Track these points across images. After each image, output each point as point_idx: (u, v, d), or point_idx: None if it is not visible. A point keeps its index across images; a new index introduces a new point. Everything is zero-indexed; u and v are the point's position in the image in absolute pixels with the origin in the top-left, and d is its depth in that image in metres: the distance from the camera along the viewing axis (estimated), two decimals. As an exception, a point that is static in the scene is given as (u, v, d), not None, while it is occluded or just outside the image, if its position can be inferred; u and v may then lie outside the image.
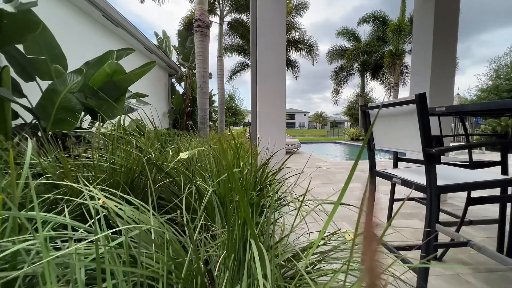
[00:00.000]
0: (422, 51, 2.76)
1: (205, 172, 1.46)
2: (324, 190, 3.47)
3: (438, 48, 2.59)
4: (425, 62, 2.68)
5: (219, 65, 9.59)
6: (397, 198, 2.17)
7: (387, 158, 8.30)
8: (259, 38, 2.50)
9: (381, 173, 1.37)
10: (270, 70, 2.54)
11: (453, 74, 2.67)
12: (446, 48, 2.60)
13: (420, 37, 2.76)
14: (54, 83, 2.42)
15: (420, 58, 2.79)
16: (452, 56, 2.63)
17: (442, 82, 2.61)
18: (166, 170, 1.29)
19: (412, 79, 2.94)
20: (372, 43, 14.04)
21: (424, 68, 2.70)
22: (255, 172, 1.45)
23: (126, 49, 3.54)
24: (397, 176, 1.17)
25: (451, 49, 2.62)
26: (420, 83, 2.82)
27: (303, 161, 6.71)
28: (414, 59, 2.90)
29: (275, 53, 2.53)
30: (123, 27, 5.19)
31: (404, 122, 1.03)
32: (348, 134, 19.13)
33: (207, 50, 4.67)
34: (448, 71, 2.64)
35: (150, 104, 3.52)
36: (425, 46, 2.70)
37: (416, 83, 2.88)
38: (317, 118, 67.53)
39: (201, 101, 4.80)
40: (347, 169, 5.23)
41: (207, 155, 1.66)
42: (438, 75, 2.61)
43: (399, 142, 1.12)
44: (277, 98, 2.57)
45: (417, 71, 2.85)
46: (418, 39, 2.81)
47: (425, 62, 2.69)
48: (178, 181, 1.24)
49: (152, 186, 0.92)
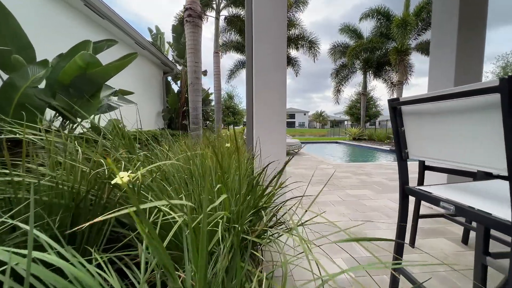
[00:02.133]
0: (444, 40, 2.43)
1: (183, 189, 1.12)
2: (330, 198, 3.13)
3: (464, 36, 2.26)
4: (449, 52, 2.35)
5: (216, 61, 9.21)
6: (424, 214, 1.82)
7: (389, 160, 7.96)
8: (256, 28, 2.16)
9: (418, 192, 1.03)
10: (268, 65, 2.20)
11: (481, 66, 2.33)
12: (474, 35, 2.26)
13: (442, 24, 2.42)
14: (13, 77, 2.07)
15: (441, 48, 2.46)
16: (481, 45, 2.30)
17: (469, 74, 2.28)
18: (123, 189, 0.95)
19: (432, 72, 2.60)
20: (375, 40, 13.69)
21: (447, 59, 2.36)
22: (248, 192, 1.10)
23: (108, 40, 3.19)
24: (449, 201, 0.83)
25: (479, 36, 2.28)
26: (441, 77, 2.48)
27: (304, 163, 6.37)
28: (434, 50, 2.57)
29: (274, 45, 2.19)
30: (109, 19, 4.84)
31: (466, 122, 0.70)
32: (350, 133, 18.80)
33: (199, 42, 4.30)
34: (476, 63, 2.31)
35: (134, 102, 3.17)
36: (448, 34, 2.37)
37: (437, 76, 2.54)
38: (317, 118, 67.25)
39: (193, 99, 4.44)
40: (353, 173, 4.89)
41: (186, 168, 1.32)
42: (464, 67, 2.27)
43: (455, 152, 0.78)
44: (276, 96, 2.23)
45: (438, 63, 2.52)
46: (440, 26, 2.48)
47: (448, 52, 2.36)
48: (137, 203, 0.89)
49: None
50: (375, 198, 3.15)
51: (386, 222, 2.34)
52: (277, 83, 2.20)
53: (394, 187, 3.67)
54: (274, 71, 2.21)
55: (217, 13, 9.44)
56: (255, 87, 2.15)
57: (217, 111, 9.40)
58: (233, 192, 1.15)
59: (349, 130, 19.51)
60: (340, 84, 18.45)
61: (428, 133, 0.91)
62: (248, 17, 2.31)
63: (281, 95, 2.24)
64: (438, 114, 0.81)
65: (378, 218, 2.45)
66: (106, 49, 3.31)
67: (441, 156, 0.89)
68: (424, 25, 12.40)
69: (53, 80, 2.35)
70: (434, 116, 0.84)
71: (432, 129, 0.87)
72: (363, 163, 6.41)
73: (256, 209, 1.08)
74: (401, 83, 12.90)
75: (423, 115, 0.91)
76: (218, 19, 9.54)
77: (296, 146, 8.96)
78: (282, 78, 2.17)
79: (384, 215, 2.51)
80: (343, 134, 27.04)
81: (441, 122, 0.81)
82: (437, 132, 0.85)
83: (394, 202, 2.97)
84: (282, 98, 2.25)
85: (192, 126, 4.44)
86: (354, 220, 2.38)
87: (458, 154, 0.78)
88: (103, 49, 3.22)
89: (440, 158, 0.90)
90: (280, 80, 2.18)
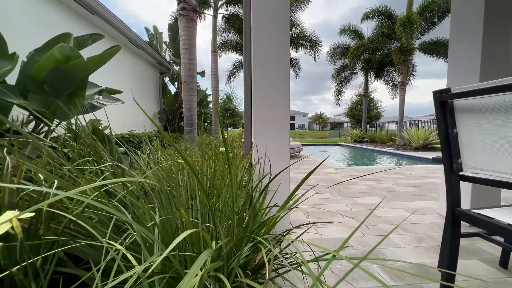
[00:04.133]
0: (467, 32, 2.18)
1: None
2: (337, 208, 2.86)
3: (491, 25, 2.01)
4: (473, 45, 2.10)
5: (213, 60, 8.93)
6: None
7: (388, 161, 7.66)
8: (254, 14, 1.90)
9: (477, 218, 0.76)
10: (269, 58, 1.94)
11: (510, 59, 2.08)
12: (501, 26, 2.01)
13: (465, 12, 2.18)
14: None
15: (464, 40, 2.21)
16: (509, 36, 2.05)
17: (498, 69, 2.03)
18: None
19: (452, 66, 2.35)
20: (377, 40, 13.50)
21: (472, 52, 2.12)
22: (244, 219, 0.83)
23: (92, 34, 2.93)
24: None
25: (508, 26, 2.03)
26: (463, 72, 2.23)
27: (306, 167, 6.11)
28: (455, 42, 2.32)
29: (275, 31, 1.93)
30: (100, 15, 4.59)
31: None
32: (351, 135, 18.55)
33: (193, 37, 4.03)
34: (504, 57, 2.06)
35: (121, 100, 2.91)
36: (472, 26, 2.12)
37: (458, 72, 2.29)
38: (316, 120, 67.07)
39: (187, 98, 4.15)
40: (359, 178, 4.62)
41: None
42: (491, 60, 2.02)
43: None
44: (278, 91, 1.97)
45: (459, 57, 2.27)
46: (462, 16, 2.23)
47: (473, 45, 2.11)
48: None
49: None
50: (387, 207, 2.88)
51: (403, 237, 2.07)
52: (279, 75, 1.93)
53: (405, 194, 3.40)
54: (275, 62, 1.95)
55: (215, 11, 9.20)
56: (253, 82, 1.89)
57: (215, 112, 9.13)
58: (223, 218, 0.88)
59: (350, 132, 19.27)
60: (341, 85, 18.23)
61: (499, 139, 0.65)
62: (245, 2, 2.05)
63: (283, 91, 1.97)
64: None
65: (394, 232, 2.18)
66: (91, 44, 3.05)
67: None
68: (428, 25, 12.22)
69: (25, 76, 2.08)
70: (506, 113, 0.58)
71: (505, 132, 0.61)
72: (368, 167, 6.15)
73: (254, 243, 0.81)
74: (403, 83, 12.69)
75: (489, 113, 0.66)
76: (216, 17, 9.30)
77: (297, 148, 8.70)
78: (285, 70, 1.91)
79: (400, 229, 2.25)
80: (343, 136, 26.82)
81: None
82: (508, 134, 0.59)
83: (409, 212, 2.71)
84: (285, 92, 1.98)
85: (186, 128, 4.14)
86: (368, 236, 2.10)
87: None
88: (87, 45, 2.96)
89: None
90: (282, 72, 1.91)
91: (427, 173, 5.05)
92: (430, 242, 1.96)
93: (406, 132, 11.93)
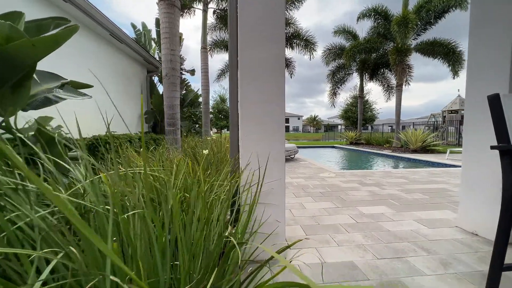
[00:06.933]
0: (493, 28, 1.89)
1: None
2: (340, 220, 2.50)
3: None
4: (501, 43, 1.81)
5: (203, 58, 8.49)
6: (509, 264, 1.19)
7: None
8: None
9: None
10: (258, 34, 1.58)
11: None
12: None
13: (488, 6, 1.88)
14: None
15: (487, 38, 1.92)
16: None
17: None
18: None
19: (471, 67, 2.08)
20: (373, 40, 13.35)
21: (498, 51, 1.83)
22: None
23: (55, 18, 2.51)
24: None
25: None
26: (489, 63, 1.93)
27: (302, 171, 5.76)
28: (474, 43, 2.04)
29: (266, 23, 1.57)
30: (73, 2, 4.14)
31: None
32: (347, 138, 18.37)
33: (176, 26, 3.60)
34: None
35: (88, 95, 2.49)
36: (500, 22, 1.83)
37: (476, 74, 2.02)
38: (311, 122, 67.26)
39: (169, 94, 3.71)
40: (360, 183, 4.29)
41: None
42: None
43: None
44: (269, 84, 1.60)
45: (481, 57, 1.99)
46: (484, 12, 1.95)
47: (500, 43, 1.82)
48: None
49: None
50: (397, 219, 2.54)
51: (425, 259, 1.72)
52: (271, 61, 1.57)
53: (414, 202, 3.08)
54: (267, 43, 1.59)
55: (205, 5, 8.80)
56: (240, 70, 1.52)
57: (205, 112, 8.69)
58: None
59: (346, 134, 19.10)
60: (336, 87, 18.08)
61: None
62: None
63: (277, 79, 1.61)
64: None
65: (411, 251, 1.83)
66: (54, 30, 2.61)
67: None
68: (424, 25, 12.14)
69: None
70: None
71: None
72: (368, 170, 5.84)
73: None
74: (400, 85, 12.54)
75: None
76: (206, 12, 8.88)
77: (293, 151, 8.37)
78: (279, 53, 1.55)
79: (418, 247, 1.90)
80: (338, 138, 26.65)
81: None
82: None
83: (423, 224, 2.37)
84: (279, 81, 1.62)
85: (168, 128, 3.68)
86: (381, 258, 1.74)
87: None
88: (49, 30, 2.53)
89: None
90: (276, 55, 1.55)
91: (431, 177, 4.77)
92: (459, 267, 1.61)
93: (403, 134, 11.76)
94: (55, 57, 4.28)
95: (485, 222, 2.08)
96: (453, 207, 2.87)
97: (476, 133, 2.15)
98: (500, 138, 1.08)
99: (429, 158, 8.14)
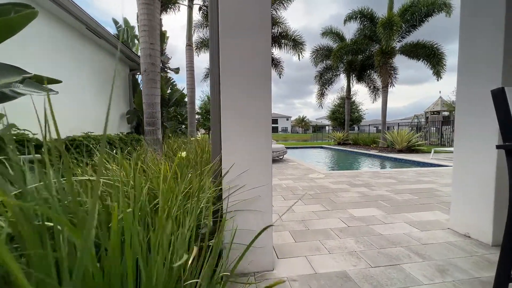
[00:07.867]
0: (485, 24, 1.84)
1: None
2: (331, 224, 2.38)
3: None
4: (493, 41, 1.76)
5: (188, 55, 8.21)
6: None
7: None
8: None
9: None
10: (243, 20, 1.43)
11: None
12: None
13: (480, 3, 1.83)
14: None
15: (480, 35, 1.87)
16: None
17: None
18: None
19: (462, 68, 2.04)
20: (360, 41, 13.57)
21: (491, 50, 1.78)
22: None
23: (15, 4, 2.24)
24: None
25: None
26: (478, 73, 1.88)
27: (291, 172, 5.65)
28: (465, 40, 1.99)
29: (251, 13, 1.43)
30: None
31: None
32: (335, 138, 18.56)
33: (155, 18, 3.35)
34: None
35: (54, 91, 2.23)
36: (491, 17, 1.78)
37: (470, 74, 1.97)
38: (299, 123, 67.85)
39: (148, 92, 3.46)
40: (349, 183, 4.23)
41: None
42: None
43: None
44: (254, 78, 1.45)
45: (473, 56, 1.94)
46: (476, 8, 1.89)
47: (492, 41, 1.77)
48: None
49: None
50: (389, 221, 2.45)
51: (420, 266, 1.62)
52: (257, 51, 1.42)
53: (404, 204, 3.02)
54: (251, 31, 1.44)
55: (190, 1, 8.53)
56: (221, 58, 1.36)
57: (191, 112, 8.41)
58: None
59: (333, 135, 19.30)
60: (324, 87, 18.26)
61: None
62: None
63: (262, 72, 1.46)
64: None
65: (406, 257, 1.73)
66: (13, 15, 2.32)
67: None
68: (408, 27, 12.45)
69: None
70: None
71: None
72: (356, 171, 5.82)
73: None
74: (386, 86, 12.79)
75: None
76: (192, 8, 8.60)
77: (281, 151, 8.26)
78: (266, 44, 1.40)
79: (412, 253, 1.80)
80: (326, 138, 26.92)
81: None
82: None
83: (414, 226, 2.30)
84: (266, 74, 1.47)
85: (147, 128, 3.42)
86: (375, 266, 1.63)
87: None
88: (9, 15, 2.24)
89: None
90: (263, 46, 1.40)
91: (419, 177, 4.79)
92: (456, 274, 1.52)
93: (389, 134, 11.97)
94: (24, 54, 3.93)
95: (477, 224, 2.03)
96: (442, 208, 2.84)
97: (467, 132, 2.10)
98: (507, 136, 0.98)
99: (415, 158, 8.29)
